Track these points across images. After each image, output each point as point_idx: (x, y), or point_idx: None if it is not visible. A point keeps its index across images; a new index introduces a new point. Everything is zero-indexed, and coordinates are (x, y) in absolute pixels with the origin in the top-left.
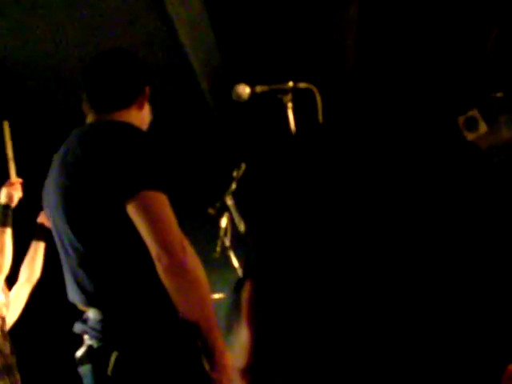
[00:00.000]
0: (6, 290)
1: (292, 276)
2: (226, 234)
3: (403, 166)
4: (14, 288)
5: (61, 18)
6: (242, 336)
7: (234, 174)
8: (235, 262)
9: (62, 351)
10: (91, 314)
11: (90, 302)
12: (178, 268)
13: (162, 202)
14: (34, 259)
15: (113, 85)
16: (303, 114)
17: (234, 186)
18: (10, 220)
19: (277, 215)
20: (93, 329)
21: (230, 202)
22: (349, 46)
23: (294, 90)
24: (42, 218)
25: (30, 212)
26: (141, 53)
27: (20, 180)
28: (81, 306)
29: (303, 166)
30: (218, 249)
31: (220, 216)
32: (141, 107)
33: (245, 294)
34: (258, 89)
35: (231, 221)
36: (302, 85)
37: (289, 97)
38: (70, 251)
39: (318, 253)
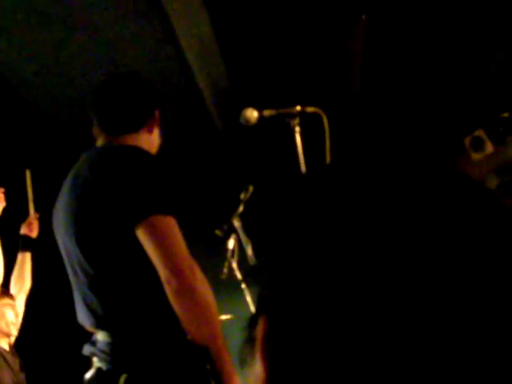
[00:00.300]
0: (16, 310)
1: (307, 311)
2: (233, 256)
3: (410, 195)
4: None
5: (72, 44)
6: (256, 371)
7: (242, 196)
8: (242, 283)
9: (71, 373)
10: (100, 336)
11: (100, 325)
12: (187, 291)
13: (170, 226)
14: (22, 270)
15: (123, 108)
16: (311, 137)
17: (241, 208)
18: None
19: (289, 249)
20: (102, 351)
21: (237, 223)
22: (355, 69)
23: (302, 113)
24: (25, 229)
25: (14, 223)
26: (148, 77)
27: (2, 190)
28: (90, 328)
29: (314, 197)
30: (225, 270)
31: (227, 238)
32: (150, 131)
33: (259, 330)
34: (266, 113)
35: (238, 242)
36: (310, 109)
37: (296, 121)
38: (80, 273)
39: (333, 286)
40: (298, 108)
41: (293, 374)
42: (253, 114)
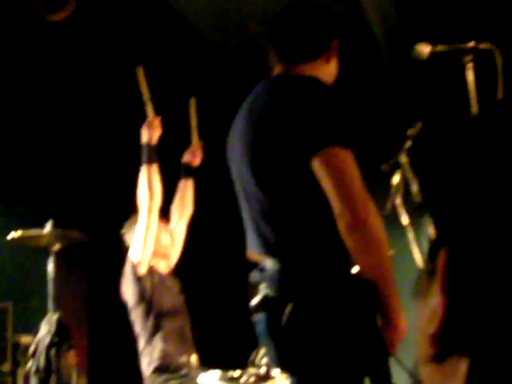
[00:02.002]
0: (170, 232)
1: (492, 243)
2: (397, 192)
3: None
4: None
5: None
6: (433, 304)
7: (409, 132)
8: (405, 220)
9: (230, 297)
10: (269, 263)
11: (270, 252)
12: (360, 227)
13: (347, 160)
14: (183, 197)
15: (301, 36)
16: (483, 75)
17: (408, 144)
18: (154, 157)
19: (469, 181)
20: (270, 278)
21: (403, 159)
22: None
23: (475, 50)
24: (188, 157)
25: (175, 151)
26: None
27: (158, 118)
28: (259, 256)
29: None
30: (389, 206)
31: (393, 173)
32: (328, 61)
33: (440, 262)
34: (438, 48)
35: (404, 178)
36: (483, 45)
37: (469, 57)
38: (254, 202)
39: None
40: (471, 44)
41: (475, 306)
42: (425, 49)
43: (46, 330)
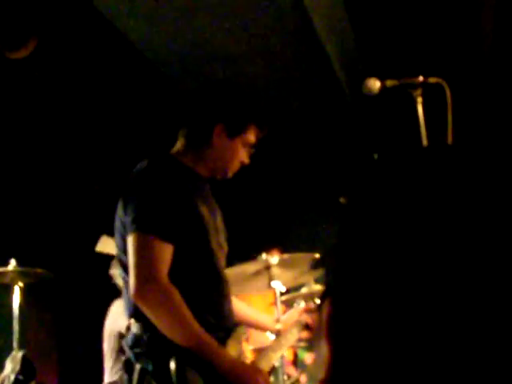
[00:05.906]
0: None
1: (369, 295)
2: None
3: None
4: None
5: (197, 7)
6: (323, 351)
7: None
8: None
9: None
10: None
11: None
12: (140, 299)
13: (144, 244)
14: None
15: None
16: (433, 108)
17: None
18: None
19: (355, 234)
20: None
21: None
22: (484, 40)
23: (424, 84)
24: None
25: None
26: (276, 44)
27: None
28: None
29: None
30: None
31: None
32: (210, 145)
33: (324, 312)
34: (389, 83)
35: None
36: (432, 79)
37: (418, 91)
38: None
39: (396, 274)
40: (421, 78)
41: (356, 353)
42: (375, 84)
43: (10, 368)
